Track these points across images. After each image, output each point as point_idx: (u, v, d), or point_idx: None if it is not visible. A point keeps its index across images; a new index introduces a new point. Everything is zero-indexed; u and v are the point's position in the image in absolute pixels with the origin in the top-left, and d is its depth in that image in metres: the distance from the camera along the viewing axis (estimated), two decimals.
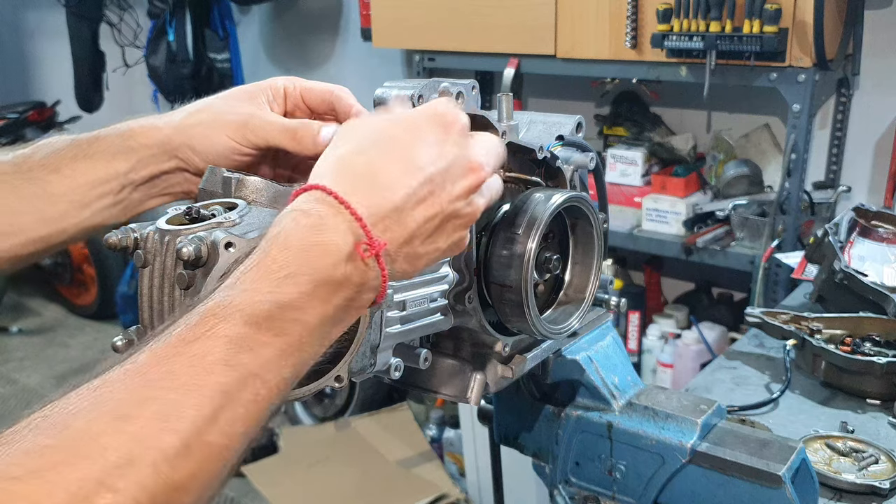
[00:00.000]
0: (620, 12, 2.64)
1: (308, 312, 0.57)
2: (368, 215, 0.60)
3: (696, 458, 0.92)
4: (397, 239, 0.62)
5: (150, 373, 0.52)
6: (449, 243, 0.67)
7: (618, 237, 2.87)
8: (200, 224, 0.65)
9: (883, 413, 1.34)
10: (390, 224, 0.61)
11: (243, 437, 0.55)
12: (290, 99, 0.86)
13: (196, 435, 0.51)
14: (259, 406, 0.55)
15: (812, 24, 2.29)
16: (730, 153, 2.95)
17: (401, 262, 0.64)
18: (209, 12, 4.25)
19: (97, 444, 0.48)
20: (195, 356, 0.53)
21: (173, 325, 0.55)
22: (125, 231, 0.68)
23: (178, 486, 0.50)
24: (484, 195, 0.69)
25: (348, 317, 0.62)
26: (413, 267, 0.66)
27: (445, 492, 3.06)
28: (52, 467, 0.46)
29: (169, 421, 0.51)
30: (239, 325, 0.54)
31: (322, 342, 0.60)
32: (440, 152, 0.65)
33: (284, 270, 0.57)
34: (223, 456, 0.53)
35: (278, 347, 0.56)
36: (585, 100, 3.33)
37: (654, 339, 3.04)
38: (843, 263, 1.61)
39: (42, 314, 5.41)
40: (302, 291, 0.57)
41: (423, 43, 3.22)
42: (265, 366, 0.55)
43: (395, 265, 0.63)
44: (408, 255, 0.64)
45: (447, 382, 0.86)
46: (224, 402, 0.53)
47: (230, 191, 0.73)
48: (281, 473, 3.33)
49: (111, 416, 0.50)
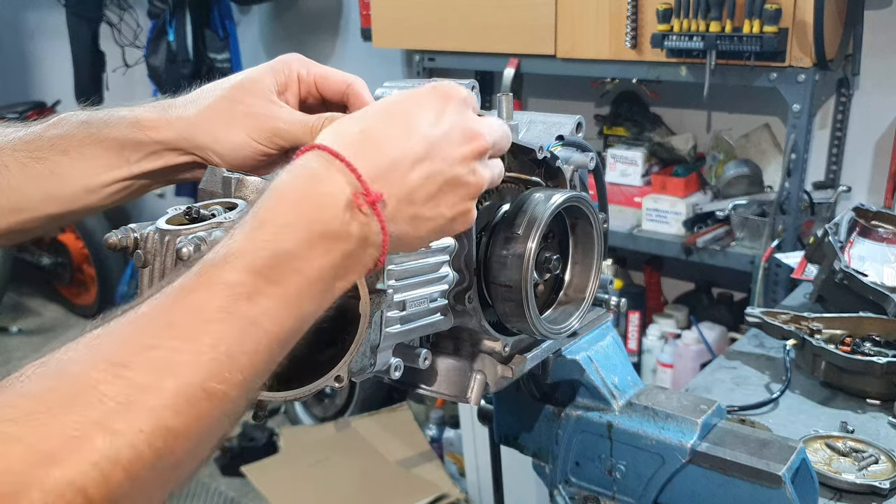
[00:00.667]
0: (620, 12, 2.64)
1: (307, 263, 0.57)
2: (365, 168, 0.60)
3: (696, 458, 0.92)
4: (396, 194, 0.62)
5: (149, 322, 0.53)
6: (454, 212, 0.66)
7: (618, 237, 2.87)
8: (200, 224, 0.65)
9: (883, 413, 1.34)
10: (388, 178, 0.62)
11: (243, 387, 0.55)
12: (304, 85, 0.85)
13: (195, 383, 0.51)
14: (260, 356, 0.55)
15: (812, 24, 2.29)
16: (730, 153, 2.95)
17: (402, 223, 0.63)
18: (209, 12, 4.25)
19: (95, 390, 0.48)
20: (194, 305, 0.53)
21: (172, 279, 0.56)
22: (125, 231, 0.68)
23: (176, 432, 0.50)
24: (489, 167, 0.69)
25: (349, 275, 0.62)
26: (416, 231, 0.65)
27: (445, 492, 3.06)
28: (47, 410, 0.46)
29: (168, 368, 0.51)
30: (238, 272, 0.55)
31: (323, 298, 0.60)
32: (438, 117, 0.65)
33: (282, 219, 0.57)
34: (223, 405, 0.53)
35: (278, 297, 0.56)
36: (585, 100, 3.33)
37: (654, 339, 3.04)
38: (843, 263, 1.61)
39: (42, 314, 5.42)
40: (301, 240, 0.57)
41: (423, 43, 3.22)
42: (265, 314, 0.55)
43: (396, 225, 0.63)
44: (410, 216, 0.64)
45: (447, 382, 0.86)
46: (223, 350, 0.53)
47: (230, 191, 0.73)
48: (281, 473, 3.33)
49: (109, 362, 0.50)
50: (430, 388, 0.86)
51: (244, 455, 3.52)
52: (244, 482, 3.40)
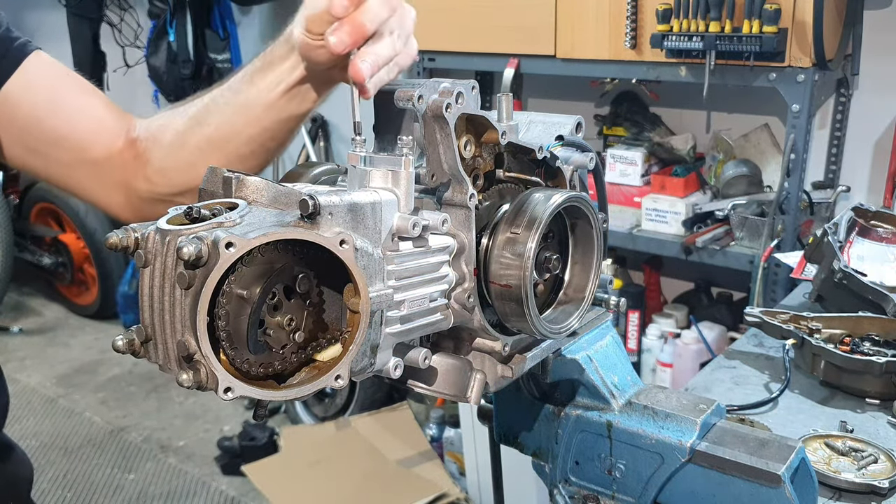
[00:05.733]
0: (620, 12, 2.65)
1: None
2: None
3: (695, 457, 0.92)
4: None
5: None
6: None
7: (617, 237, 2.87)
8: (201, 224, 0.65)
9: (882, 412, 1.35)
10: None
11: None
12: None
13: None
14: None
15: (811, 24, 2.29)
16: (729, 153, 2.95)
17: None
18: (210, 12, 4.26)
19: None
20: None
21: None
22: (126, 231, 0.68)
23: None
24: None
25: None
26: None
27: (445, 491, 3.07)
28: None
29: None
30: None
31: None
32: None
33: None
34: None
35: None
36: (585, 100, 3.33)
37: (654, 338, 3.04)
38: (842, 263, 1.61)
39: (43, 314, 5.42)
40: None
41: (423, 43, 3.18)
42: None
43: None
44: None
45: (447, 382, 0.86)
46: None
47: (231, 191, 0.73)
48: (281, 473, 3.33)
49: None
50: (430, 388, 0.87)
51: (244, 454, 3.52)
52: (244, 481, 3.41)
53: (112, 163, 1.12)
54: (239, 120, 1.04)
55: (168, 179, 1.11)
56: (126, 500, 3.43)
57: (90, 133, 1.11)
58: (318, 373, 0.69)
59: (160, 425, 4.02)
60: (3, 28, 1.08)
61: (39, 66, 1.09)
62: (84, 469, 3.67)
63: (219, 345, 0.63)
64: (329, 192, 0.69)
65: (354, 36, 0.86)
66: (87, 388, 4.42)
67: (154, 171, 1.11)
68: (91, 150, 1.11)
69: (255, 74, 1.03)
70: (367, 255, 0.69)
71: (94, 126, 1.11)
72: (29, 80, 1.08)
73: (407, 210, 0.74)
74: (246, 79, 1.04)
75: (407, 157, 0.74)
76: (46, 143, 1.10)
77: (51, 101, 1.09)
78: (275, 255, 0.66)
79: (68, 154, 1.11)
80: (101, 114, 1.12)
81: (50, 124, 1.09)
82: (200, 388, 0.63)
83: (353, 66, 0.85)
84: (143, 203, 1.14)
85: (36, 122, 1.08)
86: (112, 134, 1.12)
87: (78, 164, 1.12)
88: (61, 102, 1.10)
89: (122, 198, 1.15)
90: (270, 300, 0.66)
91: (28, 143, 1.10)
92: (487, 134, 0.82)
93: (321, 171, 0.88)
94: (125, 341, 0.67)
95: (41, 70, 1.09)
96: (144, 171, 1.12)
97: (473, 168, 0.82)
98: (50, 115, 1.09)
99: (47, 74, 1.10)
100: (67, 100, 1.10)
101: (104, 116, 1.12)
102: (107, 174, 1.13)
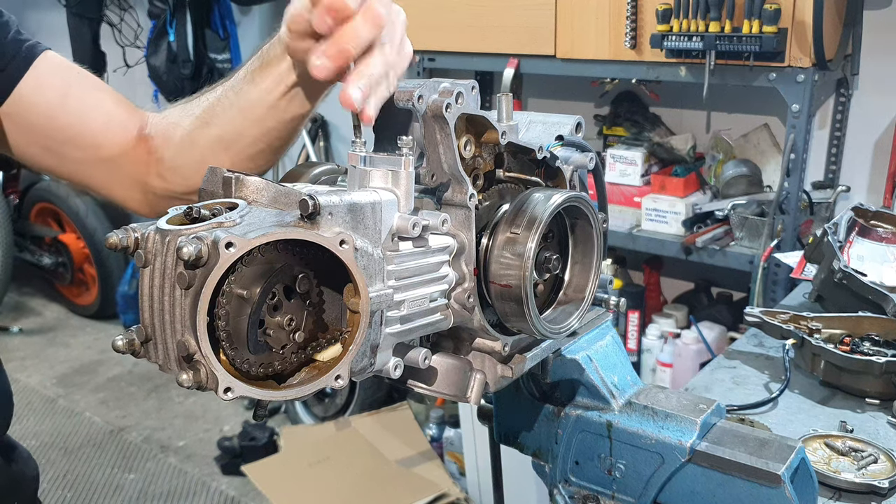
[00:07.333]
0: (620, 12, 2.65)
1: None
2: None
3: (695, 457, 0.92)
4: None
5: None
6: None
7: (617, 237, 2.87)
8: (201, 224, 0.65)
9: (882, 412, 1.35)
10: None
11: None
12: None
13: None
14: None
15: (811, 24, 2.29)
16: (729, 153, 2.96)
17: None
18: (210, 13, 4.26)
19: None
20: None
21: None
22: (126, 231, 0.68)
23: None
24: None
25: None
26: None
27: (445, 491, 3.07)
28: None
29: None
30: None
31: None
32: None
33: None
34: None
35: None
36: (585, 100, 3.33)
37: (654, 338, 3.04)
38: (842, 263, 1.61)
39: (43, 314, 5.42)
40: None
41: (423, 43, 3.22)
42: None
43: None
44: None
45: (447, 382, 0.86)
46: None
47: (230, 191, 0.73)
48: (281, 473, 3.33)
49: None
50: (430, 388, 0.87)
51: (245, 454, 3.52)
52: (245, 481, 3.41)
53: (126, 159, 1.13)
54: (243, 122, 1.04)
55: (182, 178, 1.11)
56: (126, 500, 3.44)
57: (102, 130, 1.11)
58: (318, 373, 0.69)
59: (160, 425, 4.02)
60: (14, 30, 1.09)
61: (50, 65, 1.10)
62: (84, 469, 3.67)
63: (219, 345, 0.63)
64: (329, 192, 0.69)
65: (338, 61, 0.81)
66: (87, 388, 4.42)
67: (167, 169, 1.12)
68: (104, 147, 1.12)
69: (255, 73, 1.03)
70: (366, 255, 0.69)
71: (106, 123, 1.12)
72: (41, 80, 1.08)
73: (407, 210, 0.74)
74: (247, 78, 1.04)
75: (407, 157, 0.74)
76: (60, 142, 1.11)
77: (63, 100, 1.10)
78: (275, 255, 0.66)
79: (82, 152, 1.12)
80: (112, 110, 1.13)
81: (63, 122, 1.10)
82: (200, 388, 0.63)
83: (344, 94, 0.79)
84: (160, 200, 1.14)
85: (49, 121, 1.09)
86: (124, 130, 1.13)
87: (92, 162, 1.13)
88: (73, 100, 1.10)
89: (139, 194, 1.16)
90: (270, 300, 0.66)
91: (43, 142, 1.11)
92: (487, 134, 0.82)
93: (321, 171, 0.88)
94: (125, 341, 0.67)
95: (52, 69, 1.10)
96: (158, 168, 1.13)
97: (473, 168, 0.82)
98: (62, 114, 1.10)
99: (58, 74, 1.11)
100: (79, 98, 1.11)
101: (116, 113, 1.13)
102: (121, 171, 1.13)
